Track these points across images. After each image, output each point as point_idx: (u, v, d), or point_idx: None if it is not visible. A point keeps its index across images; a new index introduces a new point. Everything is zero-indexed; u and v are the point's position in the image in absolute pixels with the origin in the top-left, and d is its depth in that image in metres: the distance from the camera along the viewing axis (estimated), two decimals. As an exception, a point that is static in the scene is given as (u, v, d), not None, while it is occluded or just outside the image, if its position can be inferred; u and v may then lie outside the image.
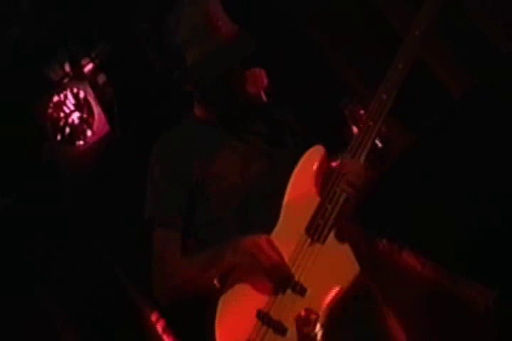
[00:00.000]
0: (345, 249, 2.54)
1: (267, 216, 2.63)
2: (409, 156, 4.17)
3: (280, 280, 2.53)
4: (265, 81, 2.72)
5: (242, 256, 2.55)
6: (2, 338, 4.63)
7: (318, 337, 2.47)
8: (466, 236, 3.85)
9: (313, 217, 2.58)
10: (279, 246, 2.56)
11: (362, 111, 4.38)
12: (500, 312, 3.66)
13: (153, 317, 4.72)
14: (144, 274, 4.62)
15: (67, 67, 4.93)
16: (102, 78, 4.92)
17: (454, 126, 4.06)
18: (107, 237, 4.88)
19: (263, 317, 2.54)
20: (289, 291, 2.54)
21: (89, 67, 4.91)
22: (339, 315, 2.51)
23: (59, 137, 5.07)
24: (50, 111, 5.07)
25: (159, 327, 4.70)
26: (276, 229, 2.62)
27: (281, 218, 2.63)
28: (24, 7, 4.59)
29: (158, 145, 2.77)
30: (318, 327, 2.49)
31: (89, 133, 4.98)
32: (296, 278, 2.54)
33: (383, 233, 3.79)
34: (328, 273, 2.53)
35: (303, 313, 2.51)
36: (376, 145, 4.30)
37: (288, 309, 2.53)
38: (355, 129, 4.28)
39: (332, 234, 2.56)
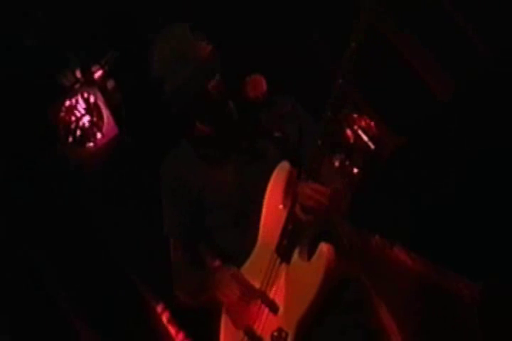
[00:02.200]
0: (308, 266, 2.53)
1: (260, 215, 2.65)
2: (399, 157, 4.17)
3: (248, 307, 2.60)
4: (264, 87, 2.74)
5: (214, 290, 2.64)
6: (21, 339, 4.64)
7: None
8: (456, 235, 3.86)
9: (280, 237, 2.58)
10: (254, 267, 2.62)
11: (355, 115, 4.39)
12: (485, 304, 3.67)
13: (159, 309, 4.73)
14: (150, 271, 4.63)
15: (78, 74, 4.95)
16: (110, 84, 4.93)
17: (442, 127, 4.07)
18: (116, 238, 4.88)
19: (248, 332, 2.61)
20: (266, 310, 2.57)
21: (98, 73, 4.92)
22: (312, 327, 2.53)
23: (70, 139, 5.07)
24: (62, 114, 5.08)
25: (164, 318, 4.71)
26: (256, 248, 2.65)
27: (259, 237, 2.65)
28: (39, 19, 4.60)
29: (162, 172, 2.85)
30: None
31: (98, 135, 4.99)
32: (271, 296, 2.57)
33: (375, 230, 3.80)
34: (295, 292, 2.54)
35: (275, 332, 2.53)
36: (368, 147, 4.32)
37: (266, 326, 2.57)
38: (348, 132, 4.29)
39: (296, 252, 2.55)
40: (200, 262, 2.81)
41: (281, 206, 2.60)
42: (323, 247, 2.50)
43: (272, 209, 2.62)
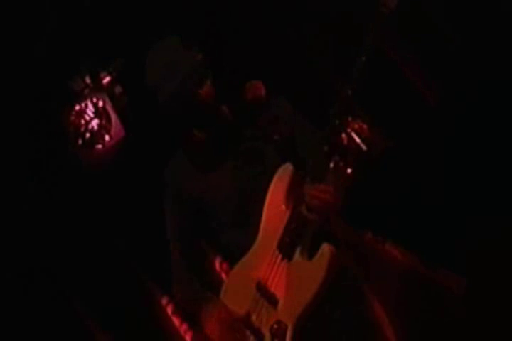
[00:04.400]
0: (310, 265, 2.55)
1: (259, 215, 2.64)
2: (389, 158, 4.17)
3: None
4: (263, 92, 2.75)
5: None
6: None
7: None
8: (446, 234, 3.86)
9: (282, 235, 2.59)
10: (255, 261, 2.66)
11: (349, 118, 4.38)
12: (472, 298, 3.67)
13: (164, 301, 4.73)
14: (155, 265, 4.63)
15: (87, 80, 4.96)
16: (118, 89, 4.95)
17: (430, 129, 4.07)
18: (123, 234, 4.88)
19: (247, 323, 2.67)
20: (266, 303, 2.58)
21: (107, 79, 4.94)
22: (310, 322, 2.55)
23: (80, 141, 5.09)
24: (72, 118, 5.10)
25: (169, 310, 4.71)
26: (256, 245, 2.65)
27: (260, 235, 2.65)
28: (49, 28, 4.61)
29: (163, 183, 2.91)
30: (287, 337, 2.51)
31: (107, 137, 5.00)
32: (272, 290, 2.57)
33: (368, 228, 3.80)
34: (297, 288, 2.58)
35: (274, 324, 2.54)
36: (361, 148, 4.31)
37: (265, 319, 2.58)
38: (343, 135, 4.28)
39: (298, 251, 2.56)
40: (199, 268, 2.83)
41: (283, 206, 2.60)
42: (325, 248, 2.52)
43: (274, 208, 2.64)
